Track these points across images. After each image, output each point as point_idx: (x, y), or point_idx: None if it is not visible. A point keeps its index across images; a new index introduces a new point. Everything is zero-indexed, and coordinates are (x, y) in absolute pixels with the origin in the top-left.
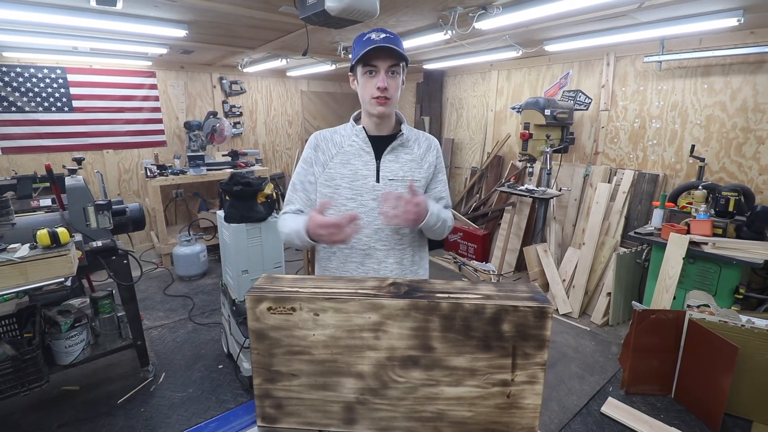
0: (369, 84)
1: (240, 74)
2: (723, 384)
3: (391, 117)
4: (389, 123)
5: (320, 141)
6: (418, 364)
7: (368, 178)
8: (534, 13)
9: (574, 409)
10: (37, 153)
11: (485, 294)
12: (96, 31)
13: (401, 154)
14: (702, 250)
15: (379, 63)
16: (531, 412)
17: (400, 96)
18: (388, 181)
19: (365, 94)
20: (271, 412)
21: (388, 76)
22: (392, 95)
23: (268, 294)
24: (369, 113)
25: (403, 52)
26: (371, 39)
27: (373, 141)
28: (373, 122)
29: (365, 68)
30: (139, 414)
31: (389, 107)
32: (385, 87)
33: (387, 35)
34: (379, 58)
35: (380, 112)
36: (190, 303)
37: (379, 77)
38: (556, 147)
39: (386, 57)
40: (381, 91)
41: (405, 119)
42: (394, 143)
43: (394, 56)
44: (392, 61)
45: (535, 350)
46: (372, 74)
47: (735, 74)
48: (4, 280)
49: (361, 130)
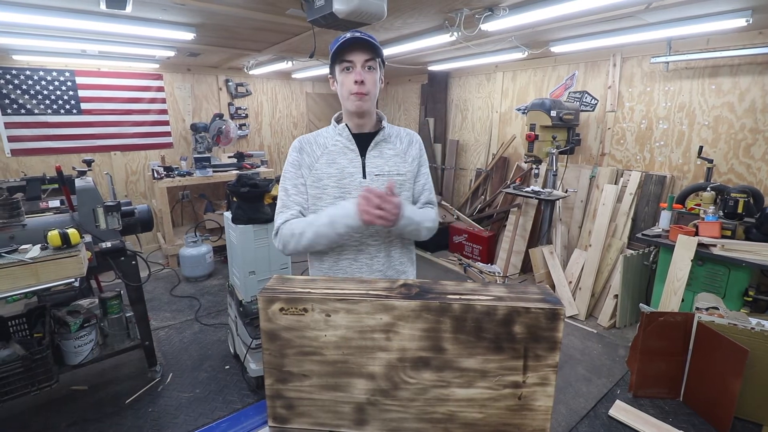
0: (347, 80)
1: (246, 76)
2: (733, 387)
3: (372, 114)
4: (370, 120)
5: (304, 144)
6: (429, 366)
7: (355, 175)
8: (541, 15)
9: (581, 412)
10: (45, 155)
11: (497, 295)
12: (105, 34)
13: (385, 149)
14: (711, 252)
15: (355, 57)
16: (542, 414)
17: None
18: (374, 176)
19: (344, 91)
20: (283, 412)
21: (365, 70)
22: (370, 90)
23: (280, 295)
24: (348, 111)
25: (378, 46)
26: (345, 36)
27: (357, 139)
28: (354, 121)
29: (342, 65)
30: (146, 414)
31: (367, 102)
32: (362, 81)
33: (362, 34)
34: (354, 52)
35: (358, 107)
36: (197, 304)
37: (355, 71)
38: (562, 148)
39: (361, 50)
40: (358, 85)
41: (385, 117)
42: (377, 138)
43: (368, 49)
44: (367, 55)
45: (546, 352)
46: (349, 70)
47: (743, 75)
48: (15, 281)
49: (344, 128)
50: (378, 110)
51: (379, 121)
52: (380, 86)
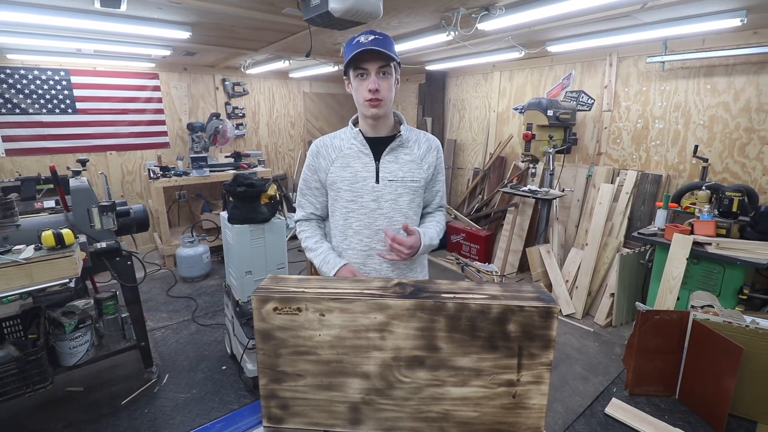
0: (361, 87)
1: (243, 76)
2: (727, 385)
3: (388, 117)
4: (387, 124)
5: (320, 147)
6: (423, 365)
7: (368, 179)
8: (537, 14)
9: (578, 410)
10: (40, 155)
11: (491, 294)
12: (100, 33)
13: (401, 154)
14: (706, 250)
15: (369, 65)
16: (537, 412)
17: (395, 96)
18: (387, 182)
19: (358, 97)
20: (277, 412)
21: (379, 77)
22: (385, 96)
23: (274, 294)
24: (364, 115)
25: (393, 53)
26: (360, 42)
27: (372, 142)
28: (369, 124)
29: (356, 71)
30: (143, 415)
31: (382, 108)
32: (377, 89)
33: (376, 37)
34: (369, 61)
35: (373, 114)
36: (193, 304)
37: (369, 79)
38: (558, 148)
39: (375, 59)
40: (372, 93)
41: (405, 120)
42: (393, 144)
43: (383, 58)
44: (382, 62)
45: (540, 350)
46: (363, 77)
47: (738, 74)
48: (9, 281)
49: (358, 133)
50: (397, 112)
51: (398, 123)
52: (396, 87)
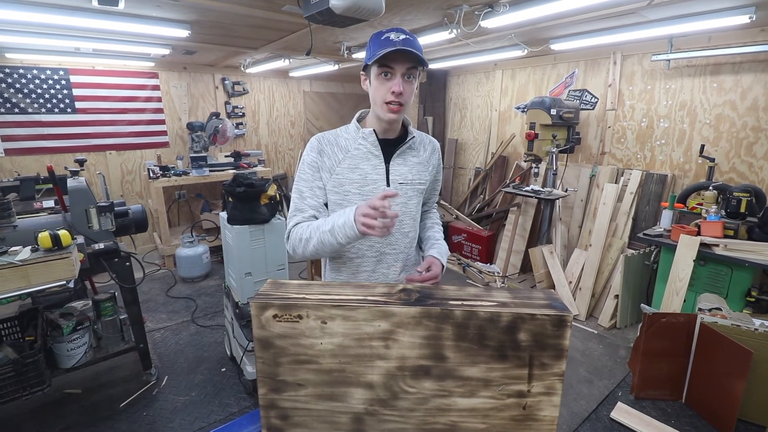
0: (383, 87)
1: (242, 75)
2: (736, 389)
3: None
4: (396, 126)
5: (324, 145)
6: (429, 375)
7: (378, 182)
8: (541, 11)
9: (583, 414)
10: (39, 154)
11: (500, 301)
12: (98, 31)
13: (409, 157)
14: (713, 251)
15: (397, 66)
16: (548, 424)
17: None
18: (398, 185)
19: (377, 97)
20: (277, 422)
21: (404, 80)
22: (406, 101)
23: (273, 301)
24: (379, 117)
25: (423, 55)
26: (390, 39)
27: (381, 144)
28: (382, 126)
29: (381, 69)
30: (141, 418)
31: (401, 113)
32: (401, 92)
33: (407, 37)
34: (397, 61)
35: (391, 119)
36: (193, 305)
37: (394, 81)
38: (561, 147)
39: (404, 60)
40: (396, 96)
41: (410, 121)
42: (403, 147)
43: (412, 59)
44: (410, 64)
45: (552, 360)
46: (387, 77)
47: (745, 73)
48: (5, 283)
49: (371, 133)
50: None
51: (404, 125)
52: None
